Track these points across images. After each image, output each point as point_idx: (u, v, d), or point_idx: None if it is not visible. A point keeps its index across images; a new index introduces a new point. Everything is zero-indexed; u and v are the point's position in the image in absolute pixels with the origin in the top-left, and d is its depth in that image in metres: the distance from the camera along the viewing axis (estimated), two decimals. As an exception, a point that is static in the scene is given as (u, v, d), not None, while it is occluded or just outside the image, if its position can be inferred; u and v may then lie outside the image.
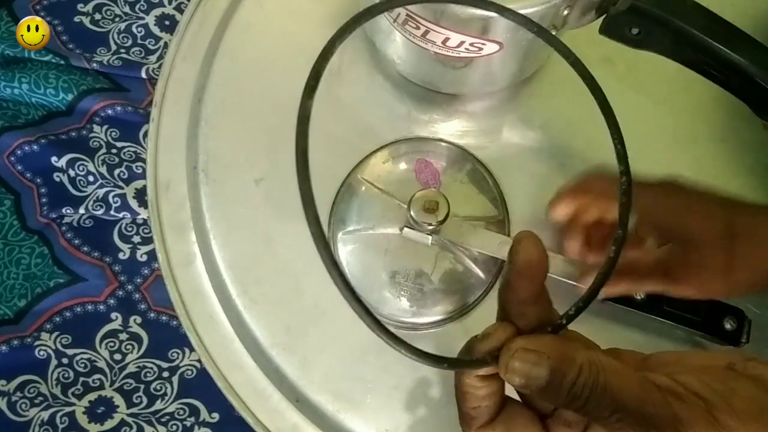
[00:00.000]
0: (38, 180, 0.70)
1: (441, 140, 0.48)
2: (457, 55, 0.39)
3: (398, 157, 0.47)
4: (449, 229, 0.40)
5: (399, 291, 0.44)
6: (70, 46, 0.75)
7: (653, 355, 0.27)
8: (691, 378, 0.24)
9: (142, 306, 0.67)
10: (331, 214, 0.46)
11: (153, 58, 0.76)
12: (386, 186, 0.45)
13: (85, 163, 0.70)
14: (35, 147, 0.70)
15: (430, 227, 0.39)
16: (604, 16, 0.38)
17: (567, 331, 0.26)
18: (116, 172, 0.70)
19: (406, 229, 0.41)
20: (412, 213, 0.39)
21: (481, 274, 0.44)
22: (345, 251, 0.45)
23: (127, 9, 0.77)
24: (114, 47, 0.76)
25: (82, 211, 0.68)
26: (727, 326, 0.40)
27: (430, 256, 0.44)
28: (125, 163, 0.71)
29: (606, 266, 0.25)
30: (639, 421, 0.23)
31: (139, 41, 0.76)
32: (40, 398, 0.63)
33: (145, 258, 0.68)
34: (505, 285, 0.26)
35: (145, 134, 0.72)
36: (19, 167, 0.70)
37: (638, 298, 0.41)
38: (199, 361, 0.65)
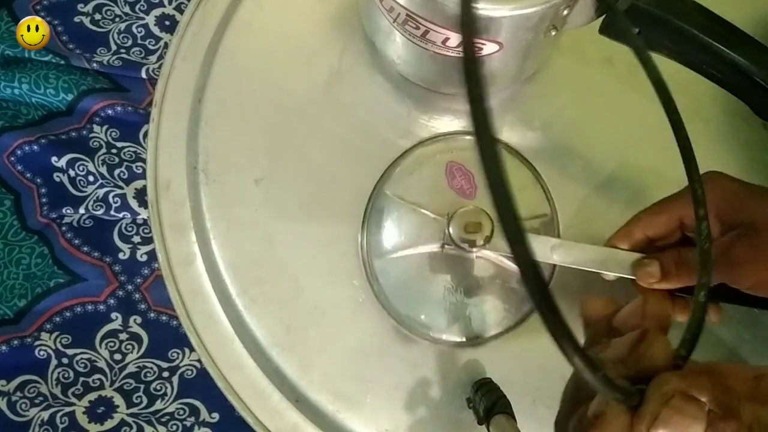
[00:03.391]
0: (38, 180, 0.70)
1: (467, 132, 0.43)
2: (457, 55, 0.39)
3: (424, 162, 0.45)
4: (497, 242, 0.37)
5: (450, 308, 0.42)
6: (70, 46, 0.75)
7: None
8: None
9: (142, 306, 0.67)
10: (363, 233, 0.44)
11: (153, 58, 0.76)
12: (419, 199, 0.43)
13: (85, 163, 0.70)
14: (35, 147, 0.70)
15: (475, 248, 0.37)
16: (604, 16, 0.38)
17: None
18: (116, 172, 0.70)
19: (446, 247, 0.38)
20: (452, 234, 0.36)
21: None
22: (384, 275, 0.44)
23: (127, 9, 0.77)
24: (114, 47, 0.76)
25: (82, 211, 0.68)
26: None
27: (478, 269, 0.42)
28: (125, 163, 0.71)
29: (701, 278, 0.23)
30: None
31: (139, 41, 0.76)
32: (40, 398, 0.63)
33: (145, 258, 0.68)
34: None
35: (145, 134, 0.72)
36: (19, 167, 0.70)
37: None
38: (199, 361, 0.65)
